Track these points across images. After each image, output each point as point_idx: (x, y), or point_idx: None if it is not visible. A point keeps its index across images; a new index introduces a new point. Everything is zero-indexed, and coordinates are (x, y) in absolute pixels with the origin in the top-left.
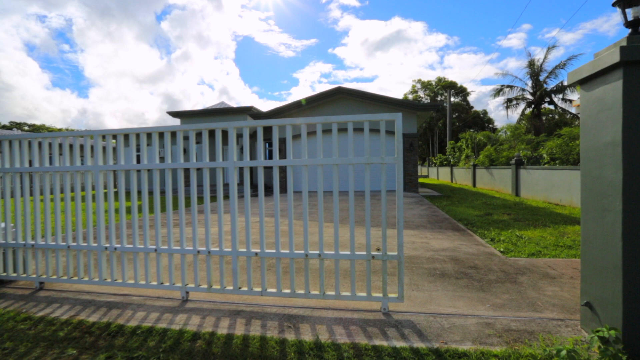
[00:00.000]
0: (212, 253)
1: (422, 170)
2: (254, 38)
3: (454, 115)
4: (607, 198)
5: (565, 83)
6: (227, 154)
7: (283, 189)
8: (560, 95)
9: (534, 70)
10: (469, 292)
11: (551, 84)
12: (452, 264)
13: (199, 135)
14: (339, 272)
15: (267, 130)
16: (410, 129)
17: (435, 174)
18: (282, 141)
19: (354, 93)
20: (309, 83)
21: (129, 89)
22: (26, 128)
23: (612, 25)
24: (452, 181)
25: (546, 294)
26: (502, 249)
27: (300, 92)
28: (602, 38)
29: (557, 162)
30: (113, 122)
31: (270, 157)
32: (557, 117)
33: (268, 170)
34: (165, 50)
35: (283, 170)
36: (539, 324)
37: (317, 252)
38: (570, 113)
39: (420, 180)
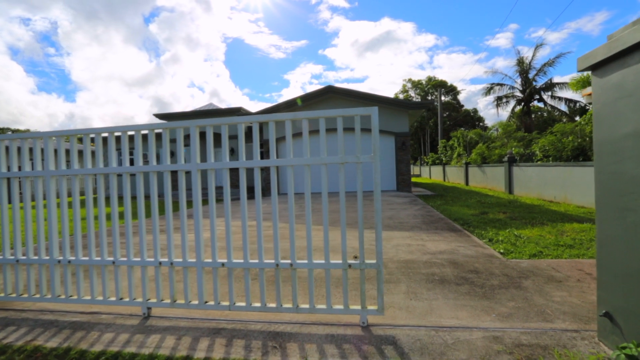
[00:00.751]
0: (175, 264)
1: (414, 169)
2: (244, 40)
3: (445, 114)
4: (628, 196)
5: (555, 80)
6: (215, 156)
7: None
8: (549, 93)
9: (523, 68)
10: (472, 300)
11: (540, 82)
12: (451, 268)
13: (187, 137)
14: (312, 283)
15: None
16: (402, 128)
17: (428, 173)
18: (266, 142)
19: (345, 92)
20: (299, 84)
21: (117, 92)
22: (10, 133)
23: (595, 25)
24: (444, 180)
25: (554, 300)
26: (501, 250)
27: (291, 94)
28: (586, 37)
29: (550, 158)
30: (101, 126)
31: (262, 158)
32: (545, 114)
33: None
34: (154, 53)
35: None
36: (551, 337)
37: (289, 261)
38: (559, 110)
39: (413, 179)
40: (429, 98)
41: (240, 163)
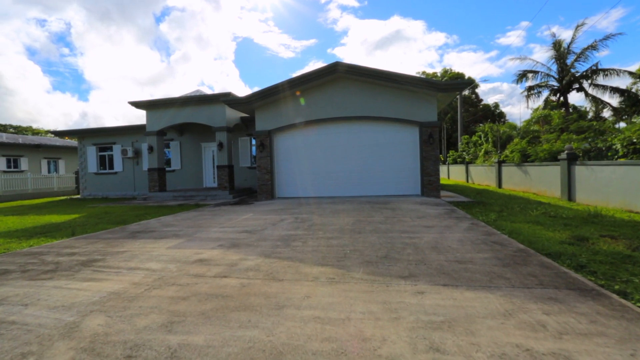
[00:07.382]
0: None
1: None
2: (253, 39)
3: (463, 109)
4: None
5: (601, 66)
6: (205, 152)
7: (260, 195)
8: (590, 82)
9: (560, 53)
10: None
11: (581, 69)
12: None
13: (170, 130)
14: None
15: (251, 124)
16: (429, 116)
17: (446, 173)
18: (267, 135)
19: (356, 70)
20: None
21: (130, 91)
22: (28, 133)
23: (610, 22)
24: (467, 181)
25: None
26: None
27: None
28: (601, 34)
29: None
30: (114, 124)
31: (254, 154)
32: (570, 110)
33: (252, 170)
34: (165, 52)
35: (269, 171)
36: None
37: None
38: (602, 101)
39: None
40: None
41: None
